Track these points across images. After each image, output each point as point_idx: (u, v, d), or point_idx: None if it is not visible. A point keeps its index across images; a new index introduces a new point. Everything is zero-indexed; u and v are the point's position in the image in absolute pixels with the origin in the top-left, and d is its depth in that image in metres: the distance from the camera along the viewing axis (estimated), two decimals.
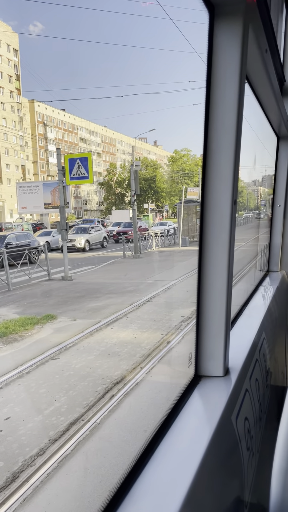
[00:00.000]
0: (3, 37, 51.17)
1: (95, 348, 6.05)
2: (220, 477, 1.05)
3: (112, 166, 65.94)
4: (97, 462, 3.38)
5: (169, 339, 6.29)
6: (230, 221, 1.19)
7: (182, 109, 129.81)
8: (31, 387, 4.80)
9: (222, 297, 1.24)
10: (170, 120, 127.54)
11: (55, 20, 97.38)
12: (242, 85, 1.16)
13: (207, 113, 1.16)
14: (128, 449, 3.46)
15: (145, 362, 5.37)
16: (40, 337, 6.78)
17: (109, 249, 21.28)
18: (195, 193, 39.36)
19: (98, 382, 4.84)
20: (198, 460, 0.88)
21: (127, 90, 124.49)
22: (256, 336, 1.68)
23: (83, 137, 73.66)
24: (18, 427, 3.91)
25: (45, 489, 3.05)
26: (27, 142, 59.18)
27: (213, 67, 1.14)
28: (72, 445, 3.55)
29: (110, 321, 7.45)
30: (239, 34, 1.12)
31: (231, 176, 1.17)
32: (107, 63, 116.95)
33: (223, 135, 1.16)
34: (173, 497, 0.78)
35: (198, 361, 1.28)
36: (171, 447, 0.94)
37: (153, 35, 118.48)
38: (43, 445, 3.58)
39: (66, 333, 6.86)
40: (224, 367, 1.27)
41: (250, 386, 1.42)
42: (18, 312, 8.48)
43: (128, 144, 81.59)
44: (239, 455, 1.19)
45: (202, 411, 1.15)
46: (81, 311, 8.35)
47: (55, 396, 4.51)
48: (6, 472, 3.25)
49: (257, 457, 1.43)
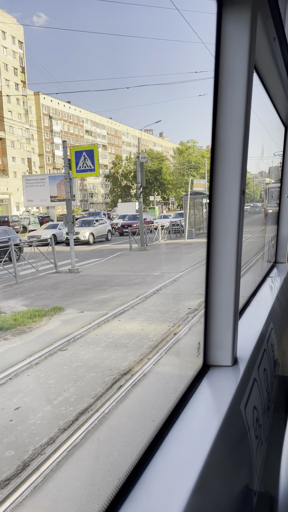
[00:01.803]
0: (8, 29, 50.89)
1: (103, 340, 6.10)
2: (230, 465, 1.07)
3: (118, 158, 65.70)
4: (106, 451, 3.43)
5: (176, 330, 6.31)
6: (239, 212, 1.20)
7: (189, 100, 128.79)
8: (40, 377, 4.86)
9: (230, 287, 1.24)
10: (176, 111, 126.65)
11: (59, 11, 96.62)
12: (251, 74, 1.16)
13: (215, 102, 1.15)
14: (137, 439, 3.51)
15: (152, 353, 5.41)
16: (48, 328, 6.84)
17: (115, 242, 21.31)
18: (201, 185, 39.14)
19: (106, 373, 4.88)
20: (207, 448, 0.90)
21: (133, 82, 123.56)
22: (264, 326, 1.69)
23: (89, 129, 73.36)
24: (28, 417, 3.97)
25: (55, 477, 3.10)
26: (33, 135, 59.08)
27: (221, 56, 1.13)
28: (81, 434, 3.60)
29: (117, 313, 7.49)
30: (247, 23, 1.11)
31: (240, 166, 1.17)
32: (112, 54, 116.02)
33: (232, 125, 1.15)
34: (184, 483, 0.79)
35: (207, 351, 1.29)
36: (181, 434, 0.95)
37: (160, 26, 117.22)
38: (53, 434, 3.63)
39: (73, 325, 6.91)
40: (232, 356, 1.28)
41: (258, 376, 1.43)
42: (26, 304, 8.55)
43: (134, 136, 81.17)
44: (248, 444, 1.21)
45: (211, 400, 1.17)
46: (89, 303, 8.40)
47: (63, 387, 4.56)
48: (16, 460, 3.31)
49: (265, 446, 1.44)
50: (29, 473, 3.15)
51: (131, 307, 7.91)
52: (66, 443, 3.50)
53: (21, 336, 6.51)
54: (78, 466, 3.27)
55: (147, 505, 0.74)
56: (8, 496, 2.93)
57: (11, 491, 2.98)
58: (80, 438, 3.55)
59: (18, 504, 2.87)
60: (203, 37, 32.64)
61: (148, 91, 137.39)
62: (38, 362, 5.29)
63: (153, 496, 0.77)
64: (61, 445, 3.47)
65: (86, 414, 3.95)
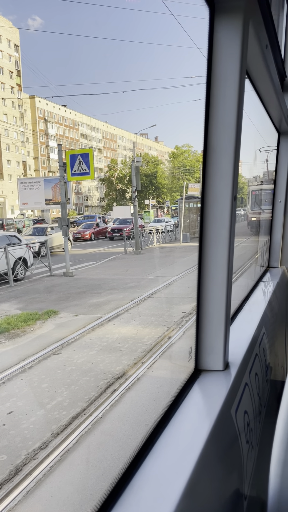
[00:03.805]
0: (3, 33, 50.94)
1: (97, 344, 6.08)
2: (220, 469, 1.07)
3: (113, 162, 65.79)
4: (99, 456, 3.41)
5: (170, 334, 6.31)
6: (230, 217, 1.21)
7: (184, 104, 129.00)
8: (34, 381, 4.83)
9: (222, 291, 1.25)
10: (171, 116, 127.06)
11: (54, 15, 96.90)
12: (242, 80, 1.17)
13: (207, 108, 1.17)
14: (130, 443, 3.50)
15: (146, 357, 5.40)
16: (42, 332, 6.81)
17: (108, 246, 21.30)
18: (196, 189, 39.26)
19: (100, 377, 4.87)
20: (197, 453, 0.90)
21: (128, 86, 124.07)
22: (256, 331, 1.70)
23: (84, 133, 73.46)
24: (20, 421, 3.94)
25: (47, 482, 3.08)
26: (28, 138, 59.03)
27: (213, 62, 1.14)
28: (74, 439, 3.58)
29: (111, 316, 7.48)
30: (239, 30, 1.12)
31: (231, 172, 1.18)
32: (108, 58, 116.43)
33: (223, 131, 1.17)
34: (173, 488, 0.79)
35: (198, 356, 1.30)
36: (171, 439, 0.95)
37: (155, 31, 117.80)
38: (46, 439, 3.61)
39: (67, 329, 6.89)
40: (224, 361, 1.28)
41: (249, 380, 1.44)
42: (20, 308, 8.51)
43: (129, 140, 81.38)
44: (238, 448, 1.21)
45: (202, 404, 1.17)
46: (83, 307, 8.38)
47: (57, 391, 4.54)
48: (9, 465, 3.29)
49: (256, 450, 1.45)
50: (21, 478, 3.13)
51: (125, 310, 7.91)
52: (59, 447, 3.48)
53: (14, 339, 6.48)
54: (71, 471, 3.25)
55: (136, 509, 0.75)
56: (1, 501, 2.91)
57: (4, 496, 2.96)
58: (73, 443, 3.54)
59: (10, 509, 2.84)
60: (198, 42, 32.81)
61: (144, 95, 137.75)
62: (31, 366, 5.27)
63: (143, 501, 0.77)
64: (54, 449, 3.45)
65: (80, 419, 3.93)
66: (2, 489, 3.03)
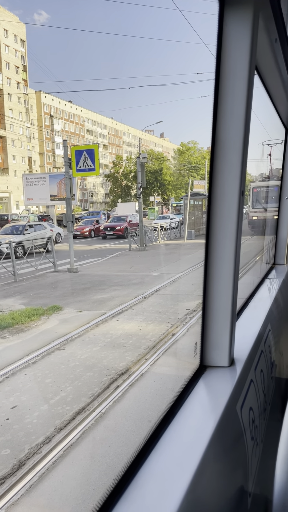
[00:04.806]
0: (10, 28, 50.89)
1: (101, 340, 6.09)
2: (225, 465, 1.06)
3: (118, 158, 65.73)
4: (102, 451, 3.42)
5: (174, 331, 6.31)
6: (238, 213, 1.20)
7: (190, 101, 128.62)
8: (37, 376, 4.85)
9: (228, 287, 1.24)
10: (177, 112, 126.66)
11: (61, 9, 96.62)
12: (252, 75, 1.16)
13: (215, 103, 1.15)
14: (133, 439, 3.50)
15: (150, 353, 5.40)
16: (46, 328, 6.83)
17: (113, 242, 21.30)
18: (201, 186, 39.13)
19: (104, 372, 4.87)
20: (202, 448, 0.89)
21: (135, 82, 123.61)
22: (261, 327, 1.69)
23: (90, 128, 73.39)
24: (24, 416, 3.96)
25: (50, 477, 3.10)
26: (34, 133, 59.06)
27: (222, 57, 1.13)
28: (78, 434, 3.59)
29: (115, 313, 7.49)
30: (249, 23, 1.11)
31: (239, 167, 1.17)
32: (114, 53, 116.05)
33: (232, 126, 1.15)
34: (178, 483, 0.79)
35: (204, 351, 1.29)
36: (176, 434, 0.95)
37: (161, 27, 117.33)
38: (49, 434, 3.63)
39: (71, 324, 6.91)
40: (229, 357, 1.28)
41: (255, 377, 1.43)
42: (24, 303, 8.54)
43: (135, 136, 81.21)
44: (243, 445, 1.20)
45: (207, 400, 1.16)
46: (87, 303, 8.39)
47: (60, 386, 4.56)
48: (12, 459, 3.31)
49: (261, 447, 1.44)
50: (24, 472, 3.14)
51: (129, 307, 7.91)
52: (62, 442, 3.49)
53: (18, 335, 6.50)
54: (74, 466, 3.27)
55: (141, 503, 0.74)
56: (4, 495, 2.92)
57: (7, 489, 2.97)
58: (76, 438, 3.55)
59: (13, 503, 2.86)
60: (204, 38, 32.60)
61: (150, 92, 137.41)
62: (35, 361, 5.29)
63: (148, 495, 0.76)
64: (57, 444, 3.47)
65: (83, 414, 3.94)
66: (5, 483, 3.04)
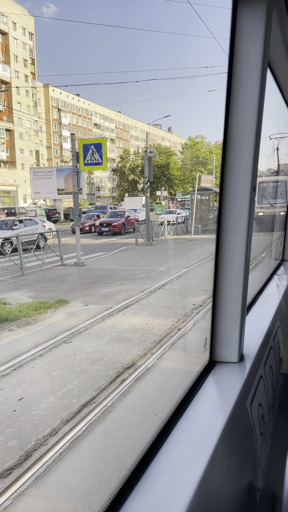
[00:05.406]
0: (18, 20, 50.78)
1: (107, 333, 6.12)
2: (234, 461, 1.07)
3: (125, 152, 65.60)
4: (108, 444, 3.45)
5: (180, 326, 6.32)
6: (249, 208, 1.19)
7: (198, 95, 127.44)
8: (44, 369, 4.89)
9: (238, 283, 1.24)
10: (185, 106, 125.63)
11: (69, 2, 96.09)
12: (265, 70, 1.15)
13: (228, 99, 1.14)
14: (138, 432, 3.53)
15: (156, 348, 5.42)
16: (53, 321, 6.87)
17: (119, 236, 21.31)
18: (209, 181, 38.94)
19: (110, 366, 4.90)
20: (213, 444, 0.90)
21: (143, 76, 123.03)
22: (270, 324, 1.68)
23: (97, 122, 73.25)
24: (31, 408, 4.00)
25: (57, 468, 3.13)
26: (41, 127, 59.06)
27: (235, 51, 1.12)
28: (84, 427, 3.62)
29: (121, 307, 7.51)
30: (262, 18, 1.09)
31: (251, 162, 1.16)
32: (123, 47, 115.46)
33: (244, 121, 1.14)
34: (189, 478, 0.79)
35: (213, 347, 1.29)
36: (186, 429, 0.95)
37: (170, 20, 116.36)
38: (56, 426, 3.66)
39: (78, 318, 6.94)
40: (239, 353, 1.28)
41: (264, 373, 1.43)
42: (31, 296, 8.59)
43: (142, 131, 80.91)
44: (253, 440, 1.21)
45: (217, 396, 1.17)
46: (93, 297, 8.42)
47: (67, 379, 4.59)
48: (19, 450, 3.34)
49: (269, 443, 1.44)
50: (31, 463, 3.18)
51: (135, 301, 7.93)
52: (68, 434, 3.52)
53: (26, 327, 6.55)
54: (80, 458, 3.30)
55: (153, 498, 0.75)
56: (11, 485, 2.96)
57: (14, 480, 3.01)
58: (82, 430, 3.58)
59: (20, 494, 2.90)
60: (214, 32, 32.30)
61: (158, 86, 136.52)
62: (42, 354, 5.33)
63: (159, 490, 0.77)
64: (64, 436, 3.50)
65: (89, 407, 3.97)
66: (12, 473, 3.08)
